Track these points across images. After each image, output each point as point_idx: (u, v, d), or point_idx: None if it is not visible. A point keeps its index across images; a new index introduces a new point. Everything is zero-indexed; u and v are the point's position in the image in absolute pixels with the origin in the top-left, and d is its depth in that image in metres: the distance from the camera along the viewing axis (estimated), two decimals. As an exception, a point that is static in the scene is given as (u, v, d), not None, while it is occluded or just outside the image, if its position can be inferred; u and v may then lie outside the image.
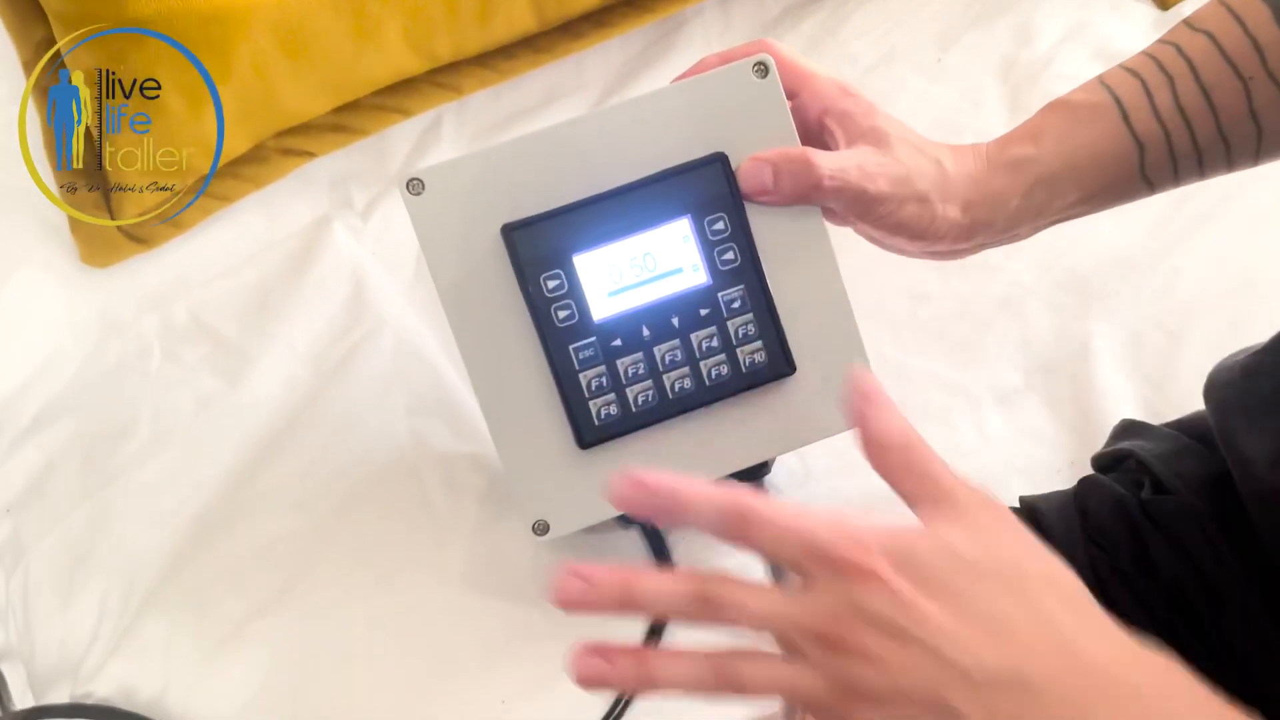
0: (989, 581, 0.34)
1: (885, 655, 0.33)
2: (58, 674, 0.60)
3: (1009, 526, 0.36)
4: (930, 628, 0.33)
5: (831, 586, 0.35)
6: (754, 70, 0.53)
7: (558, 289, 0.52)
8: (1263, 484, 0.47)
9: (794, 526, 0.36)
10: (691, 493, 0.37)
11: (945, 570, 0.34)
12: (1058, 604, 0.34)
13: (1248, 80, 0.50)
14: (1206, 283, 0.73)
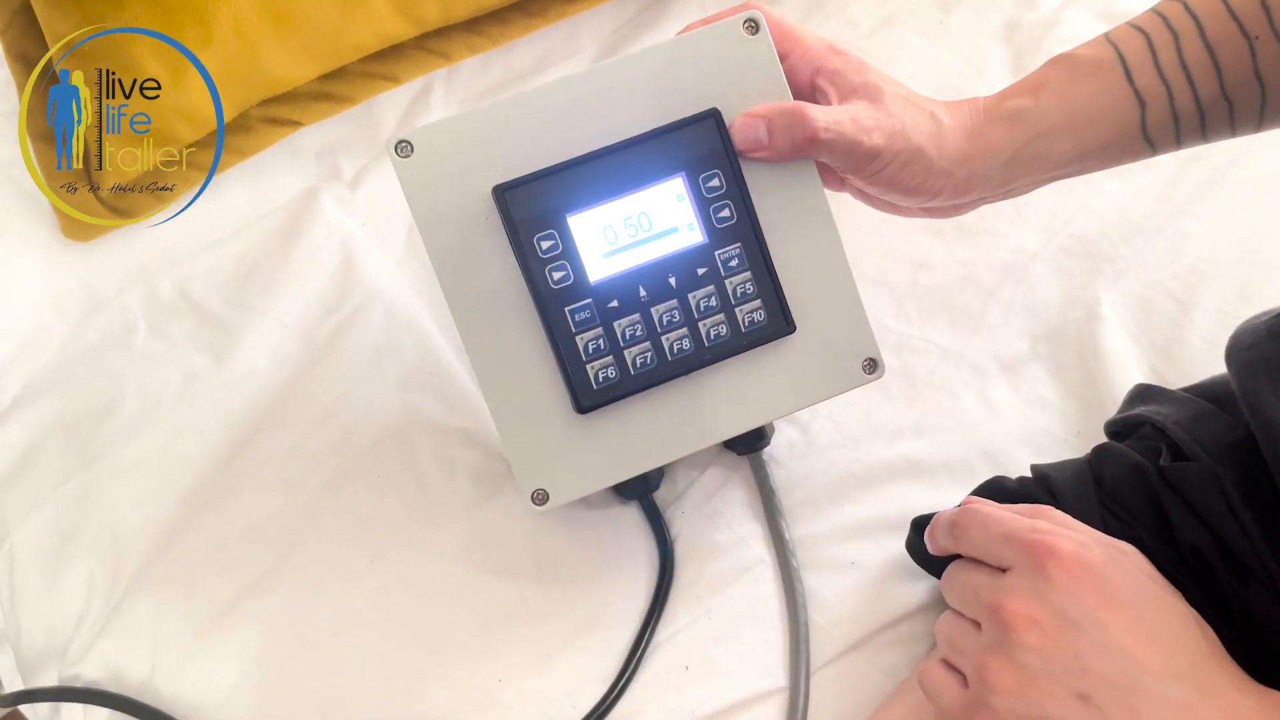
0: (1157, 603, 0.42)
1: (1051, 638, 0.41)
2: (45, 656, 0.60)
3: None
4: (1106, 630, 0.40)
5: (1026, 575, 0.43)
6: (744, 27, 0.52)
7: (552, 250, 0.50)
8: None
9: (1003, 521, 0.46)
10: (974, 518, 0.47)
11: (1126, 583, 0.42)
12: (1204, 639, 0.42)
13: (1254, 39, 0.49)
14: (1214, 247, 0.71)
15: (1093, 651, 0.40)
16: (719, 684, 0.56)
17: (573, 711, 0.55)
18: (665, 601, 0.58)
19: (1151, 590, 0.42)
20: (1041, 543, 0.43)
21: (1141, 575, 0.43)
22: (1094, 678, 0.39)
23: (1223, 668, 0.40)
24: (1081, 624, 0.40)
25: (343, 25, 0.69)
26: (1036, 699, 0.40)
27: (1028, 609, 0.42)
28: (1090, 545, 0.43)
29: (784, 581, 0.59)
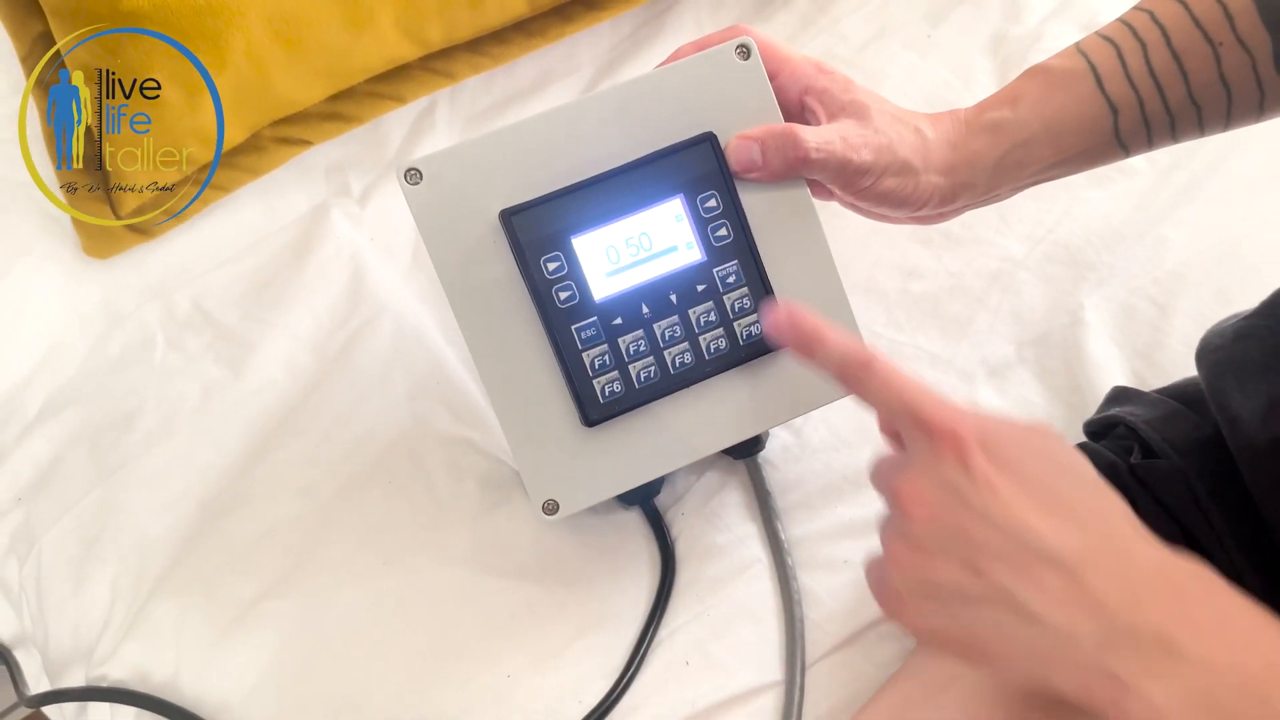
0: (1067, 475, 0.39)
1: (936, 511, 0.39)
2: (71, 658, 0.62)
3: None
4: (993, 500, 0.38)
5: (921, 451, 0.41)
6: (736, 52, 0.54)
7: (558, 271, 0.53)
8: (1252, 440, 0.49)
9: (906, 389, 0.42)
10: (831, 335, 0.44)
11: (1027, 458, 0.39)
12: (1115, 509, 0.39)
13: (1218, 45, 0.52)
14: (1194, 253, 0.74)
15: (978, 522, 0.39)
16: (718, 678, 0.58)
17: (579, 707, 0.57)
18: (667, 601, 0.61)
19: (1058, 462, 0.41)
20: (939, 422, 0.41)
21: (1049, 450, 0.41)
22: (981, 547, 0.39)
23: (1129, 530, 0.39)
24: (968, 496, 0.39)
25: (350, 48, 0.71)
26: (929, 570, 0.40)
27: (917, 486, 0.41)
28: (989, 421, 0.41)
29: (780, 580, 0.61)
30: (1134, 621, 0.35)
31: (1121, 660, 0.35)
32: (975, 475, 0.39)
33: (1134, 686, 0.35)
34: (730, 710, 0.57)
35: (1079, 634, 0.36)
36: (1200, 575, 0.37)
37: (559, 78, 0.82)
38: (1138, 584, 0.36)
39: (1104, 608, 0.36)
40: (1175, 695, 0.34)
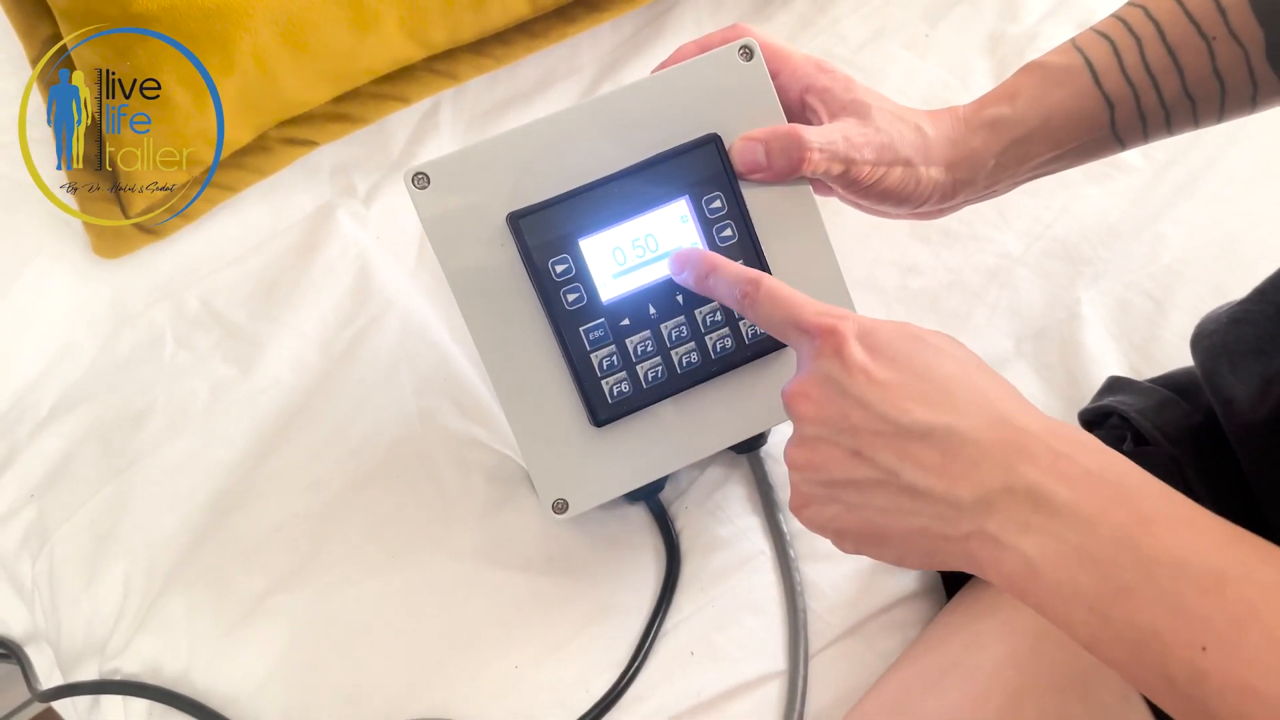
0: (939, 359, 0.41)
1: (821, 407, 0.42)
2: (84, 653, 0.62)
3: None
4: (872, 388, 0.41)
5: (809, 357, 0.44)
6: (739, 54, 0.55)
7: (565, 273, 0.53)
8: (1246, 420, 0.50)
9: (791, 300, 0.46)
10: (725, 263, 0.50)
11: (901, 346, 0.42)
12: (995, 387, 0.41)
13: (1211, 40, 0.53)
14: (1190, 248, 0.75)
15: (857, 409, 0.41)
16: (722, 668, 0.59)
17: (586, 697, 0.58)
18: (672, 593, 0.61)
19: (934, 347, 0.43)
20: (817, 322, 0.44)
21: (924, 339, 0.43)
22: (861, 432, 0.41)
23: (1007, 403, 0.40)
24: (846, 386, 0.41)
25: (356, 50, 0.72)
26: (821, 465, 0.43)
27: (803, 386, 0.43)
28: (866, 319, 0.44)
29: (782, 571, 0.62)
30: (1008, 482, 0.37)
31: (997, 519, 0.37)
32: (851, 366, 0.42)
33: (1008, 542, 0.37)
34: (735, 700, 0.58)
35: (959, 500, 0.38)
36: (1077, 437, 0.38)
37: (561, 78, 0.83)
38: (1012, 449, 0.38)
39: (979, 472, 0.38)
40: (1048, 548, 0.36)
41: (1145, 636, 0.34)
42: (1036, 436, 0.38)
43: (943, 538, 0.39)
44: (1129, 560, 0.35)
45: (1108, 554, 0.35)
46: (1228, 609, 0.33)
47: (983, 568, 0.39)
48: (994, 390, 0.41)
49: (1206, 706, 0.33)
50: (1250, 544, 0.35)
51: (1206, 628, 0.33)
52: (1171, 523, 0.35)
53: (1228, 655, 0.32)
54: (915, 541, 0.41)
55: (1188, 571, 0.34)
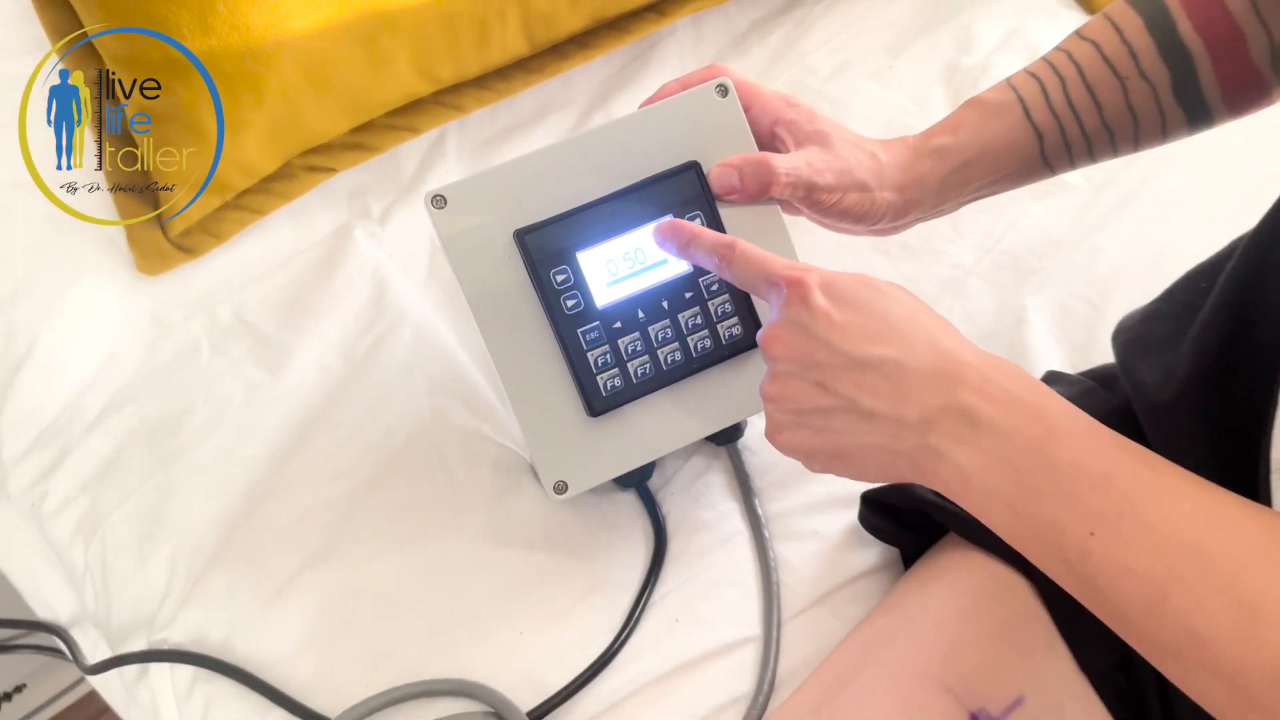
0: (889, 303, 0.48)
1: (790, 347, 0.49)
2: (134, 627, 0.68)
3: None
4: (832, 328, 0.48)
5: (779, 305, 0.50)
6: (716, 91, 0.62)
7: (565, 282, 0.60)
8: (1152, 402, 0.57)
9: (763, 259, 0.53)
10: (703, 231, 0.57)
11: (858, 293, 0.49)
12: (938, 326, 0.48)
13: (1125, 79, 0.60)
14: (1124, 259, 0.82)
15: (820, 347, 0.48)
16: (704, 633, 0.65)
17: (583, 658, 0.64)
18: (659, 568, 0.67)
19: (886, 294, 0.49)
20: (786, 275, 0.50)
21: (879, 287, 0.49)
22: (824, 367, 0.48)
23: (948, 340, 0.47)
24: (811, 328, 0.48)
25: (371, 86, 0.79)
26: (791, 396, 0.50)
27: (775, 330, 0.50)
28: (828, 271, 0.50)
29: (757, 549, 0.68)
30: (946, 403, 0.44)
31: (936, 435, 0.45)
32: (815, 311, 0.48)
33: (946, 453, 0.44)
34: (715, 660, 0.64)
35: (906, 419, 0.46)
36: (1004, 367, 0.46)
37: (556, 109, 0.90)
38: (950, 376, 0.45)
39: (922, 396, 0.45)
40: (976, 457, 0.44)
41: (1048, 527, 0.42)
42: (970, 365, 0.45)
43: (894, 452, 0.47)
44: (1037, 465, 0.42)
45: (1021, 461, 0.43)
46: (1112, 502, 0.40)
47: (925, 475, 0.46)
48: (936, 328, 0.48)
49: (1094, 580, 0.40)
50: (1134, 451, 0.42)
51: (1095, 517, 0.40)
52: (1072, 435, 0.43)
53: (1110, 539, 0.40)
54: (872, 457, 0.48)
55: (1083, 473, 0.41)
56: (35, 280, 0.76)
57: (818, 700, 0.59)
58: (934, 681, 0.56)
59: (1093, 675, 0.56)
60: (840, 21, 0.97)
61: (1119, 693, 0.56)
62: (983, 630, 0.58)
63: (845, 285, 0.49)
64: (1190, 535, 0.39)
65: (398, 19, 0.75)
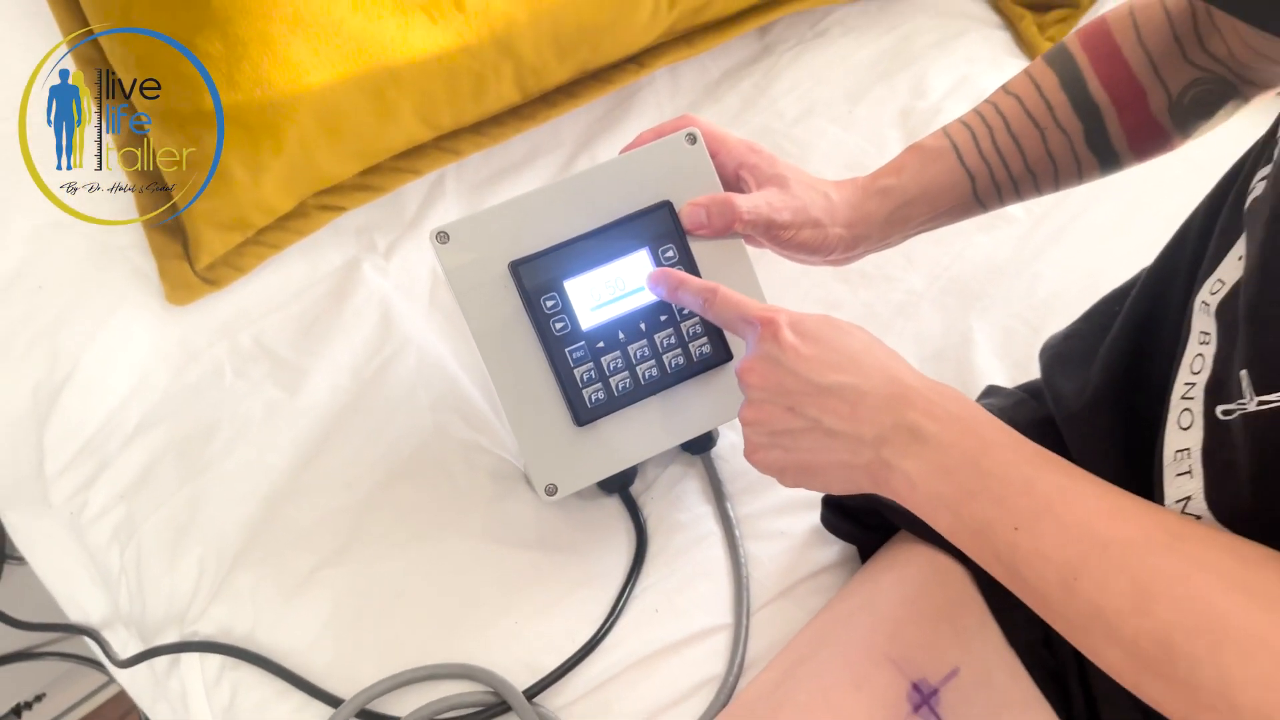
0: (848, 339, 0.56)
1: (763, 377, 0.56)
2: (166, 623, 0.74)
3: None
4: (799, 361, 0.55)
5: (754, 341, 0.57)
6: (685, 139, 0.69)
7: (554, 307, 0.66)
8: (1069, 411, 0.64)
9: (741, 302, 0.60)
10: (690, 279, 0.64)
11: (821, 330, 0.56)
12: (890, 358, 0.55)
13: (1044, 129, 0.68)
14: (1060, 285, 0.89)
15: (789, 376, 0.55)
16: (681, 621, 0.71)
17: (572, 644, 0.70)
18: (640, 565, 0.73)
19: (846, 332, 0.56)
20: (760, 315, 0.57)
21: (840, 326, 0.56)
22: (793, 394, 0.55)
23: (902, 371, 0.53)
24: (781, 360, 0.55)
25: (378, 133, 0.86)
26: (765, 420, 0.56)
27: (749, 363, 0.57)
28: (796, 312, 0.57)
29: (729, 547, 0.74)
30: (896, 422, 0.51)
31: (888, 449, 0.52)
32: (785, 346, 0.55)
33: (896, 465, 0.51)
34: (690, 646, 0.70)
35: (863, 437, 0.52)
36: (946, 391, 0.52)
37: (545, 152, 0.97)
38: (900, 399, 0.52)
39: (876, 416, 0.52)
40: (921, 467, 0.50)
41: (981, 524, 0.49)
42: (917, 390, 0.52)
43: (853, 466, 0.54)
44: (972, 473, 0.49)
45: (958, 469, 0.50)
46: (1033, 503, 0.47)
47: (880, 485, 0.53)
48: (889, 359, 0.55)
49: (1018, 568, 0.47)
50: (1053, 460, 0.49)
51: (1019, 515, 0.47)
52: (1001, 446, 0.50)
53: (1031, 533, 0.47)
54: (835, 471, 0.55)
55: (1009, 479, 0.48)
56: (76, 310, 0.83)
57: (780, 676, 0.66)
58: (881, 656, 0.63)
59: (1019, 649, 0.63)
60: (805, 70, 1.05)
61: (1042, 664, 0.63)
62: (924, 612, 0.65)
63: (811, 324, 0.57)
64: (1096, 529, 0.46)
65: (403, 74, 0.83)
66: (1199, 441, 0.53)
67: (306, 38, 0.79)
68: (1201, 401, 0.53)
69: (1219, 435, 0.52)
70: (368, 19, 0.80)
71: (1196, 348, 0.55)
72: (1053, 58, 0.69)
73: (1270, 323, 0.46)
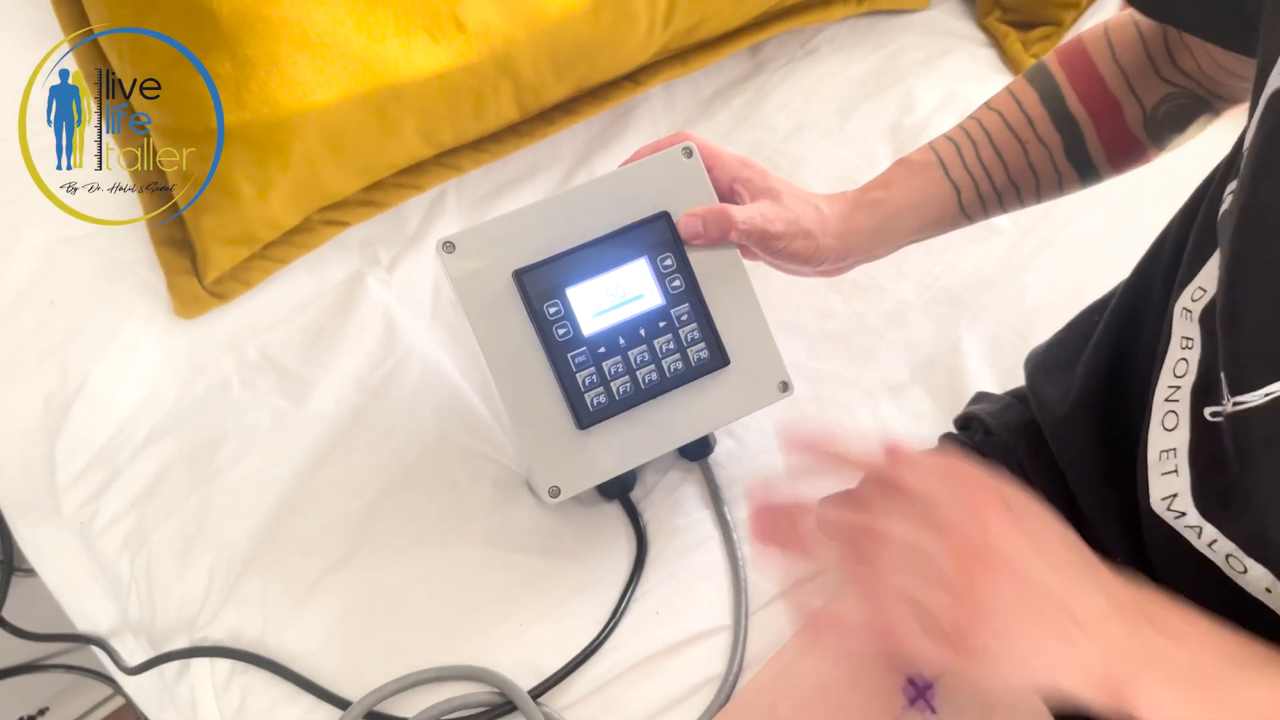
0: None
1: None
2: (176, 628, 0.76)
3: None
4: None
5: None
6: (682, 153, 0.71)
7: (556, 314, 0.68)
8: (1053, 416, 0.67)
9: (866, 461, 0.50)
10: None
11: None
12: (1095, 565, 0.48)
13: (1025, 143, 0.71)
14: (1048, 294, 0.92)
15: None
16: (681, 623, 0.73)
17: (575, 646, 0.71)
18: (641, 568, 0.75)
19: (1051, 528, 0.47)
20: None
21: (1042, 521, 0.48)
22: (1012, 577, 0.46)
23: (1086, 561, 0.46)
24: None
25: (381, 150, 0.88)
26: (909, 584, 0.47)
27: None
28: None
29: (727, 551, 0.76)
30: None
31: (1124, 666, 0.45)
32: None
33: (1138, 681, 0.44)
34: (691, 646, 0.72)
35: (1093, 653, 0.44)
36: (1154, 598, 0.47)
37: (543, 168, 1.00)
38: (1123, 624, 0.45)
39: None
40: (1167, 690, 0.44)
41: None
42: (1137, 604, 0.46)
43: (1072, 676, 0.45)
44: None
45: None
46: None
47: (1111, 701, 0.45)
48: (1095, 567, 0.46)
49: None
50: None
51: None
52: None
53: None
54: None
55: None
56: (87, 324, 0.85)
57: (778, 673, 0.68)
58: (876, 652, 0.65)
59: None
60: (796, 87, 1.08)
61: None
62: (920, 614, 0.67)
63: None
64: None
65: (405, 92, 0.85)
66: (1185, 442, 0.56)
67: (312, 58, 0.81)
68: (1188, 404, 0.55)
69: (1207, 435, 0.54)
70: (371, 39, 0.83)
71: (1179, 352, 0.57)
72: (1033, 75, 0.72)
73: (1237, 329, 0.48)
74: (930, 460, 0.48)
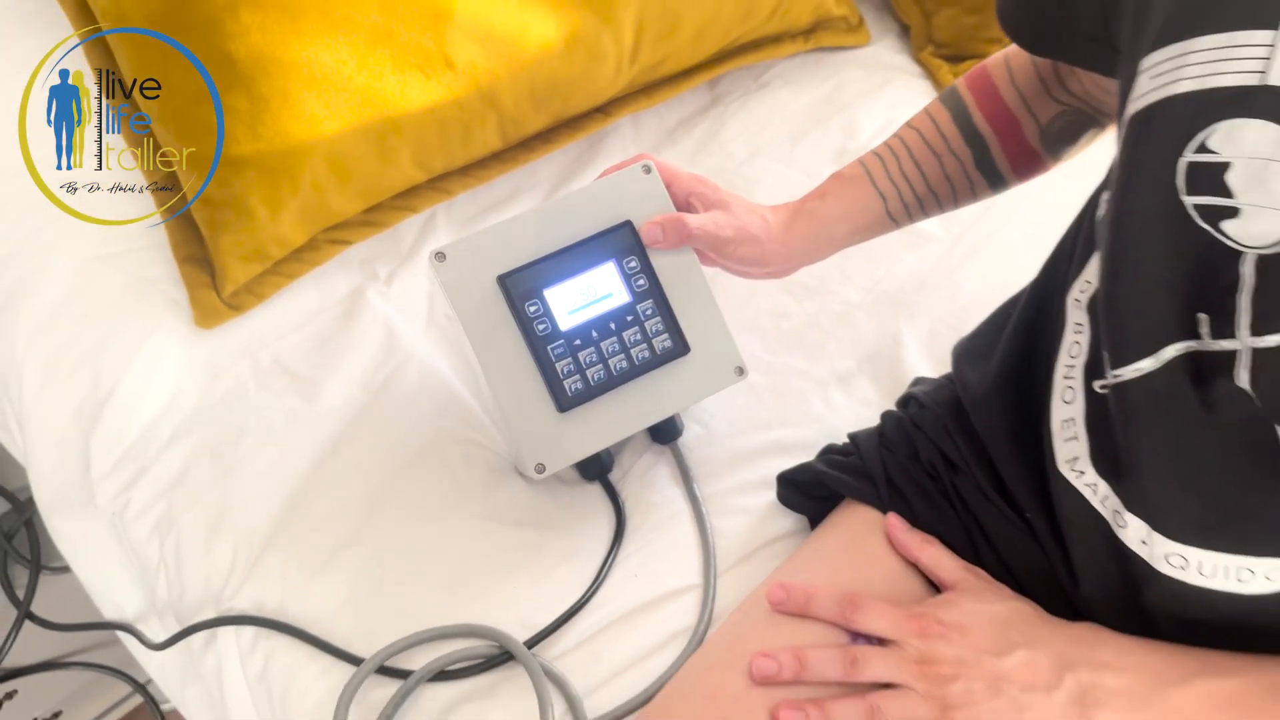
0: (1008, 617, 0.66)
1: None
2: (203, 602, 0.83)
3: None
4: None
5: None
6: (642, 169, 0.80)
7: (536, 312, 0.76)
8: (974, 397, 0.75)
9: (888, 614, 0.66)
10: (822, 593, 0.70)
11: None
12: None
13: (940, 156, 0.81)
14: (977, 294, 1.01)
15: (956, 663, 0.62)
16: (657, 583, 0.80)
17: (563, 605, 0.78)
18: (620, 539, 0.82)
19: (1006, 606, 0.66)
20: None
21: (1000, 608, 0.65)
22: (967, 672, 0.61)
23: (1050, 624, 0.63)
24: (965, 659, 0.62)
25: (380, 176, 0.97)
26: (940, 687, 0.62)
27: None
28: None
29: (697, 523, 0.82)
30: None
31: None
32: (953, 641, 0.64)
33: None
34: (666, 603, 0.78)
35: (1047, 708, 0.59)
36: (1089, 636, 0.63)
37: (524, 191, 1.08)
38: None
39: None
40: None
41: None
42: (1070, 635, 0.63)
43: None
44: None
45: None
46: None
47: None
48: (1036, 616, 0.66)
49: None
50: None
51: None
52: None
53: None
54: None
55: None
56: (116, 335, 0.92)
57: (738, 623, 0.76)
58: None
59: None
60: (751, 117, 1.18)
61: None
62: (858, 560, 0.74)
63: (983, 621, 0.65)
64: None
65: (402, 124, 0.95)
66: (1081, 412, 0.65)
67: (319, 94, 0.91)
68: (1082, 379, 0.64)
69: (1098, 406, 0.63)
70: (371, 77, 0.92)
71: (1073, 336, 0.66)
72: (945, 97, 0.82)
73: (1113, 315, 0.57)
74: (880, 606, 0.66)
